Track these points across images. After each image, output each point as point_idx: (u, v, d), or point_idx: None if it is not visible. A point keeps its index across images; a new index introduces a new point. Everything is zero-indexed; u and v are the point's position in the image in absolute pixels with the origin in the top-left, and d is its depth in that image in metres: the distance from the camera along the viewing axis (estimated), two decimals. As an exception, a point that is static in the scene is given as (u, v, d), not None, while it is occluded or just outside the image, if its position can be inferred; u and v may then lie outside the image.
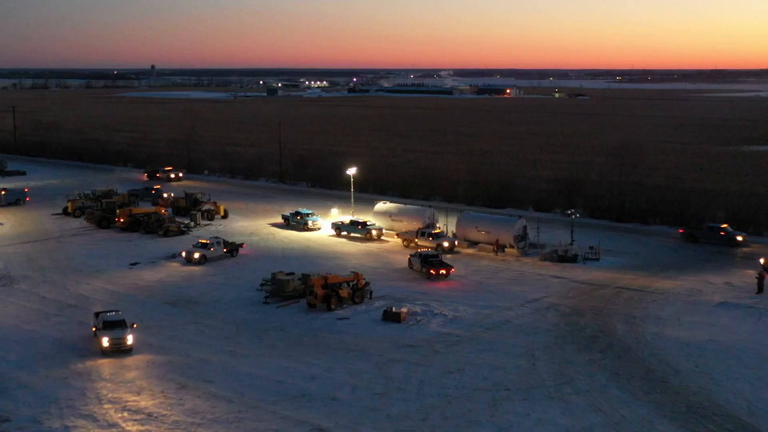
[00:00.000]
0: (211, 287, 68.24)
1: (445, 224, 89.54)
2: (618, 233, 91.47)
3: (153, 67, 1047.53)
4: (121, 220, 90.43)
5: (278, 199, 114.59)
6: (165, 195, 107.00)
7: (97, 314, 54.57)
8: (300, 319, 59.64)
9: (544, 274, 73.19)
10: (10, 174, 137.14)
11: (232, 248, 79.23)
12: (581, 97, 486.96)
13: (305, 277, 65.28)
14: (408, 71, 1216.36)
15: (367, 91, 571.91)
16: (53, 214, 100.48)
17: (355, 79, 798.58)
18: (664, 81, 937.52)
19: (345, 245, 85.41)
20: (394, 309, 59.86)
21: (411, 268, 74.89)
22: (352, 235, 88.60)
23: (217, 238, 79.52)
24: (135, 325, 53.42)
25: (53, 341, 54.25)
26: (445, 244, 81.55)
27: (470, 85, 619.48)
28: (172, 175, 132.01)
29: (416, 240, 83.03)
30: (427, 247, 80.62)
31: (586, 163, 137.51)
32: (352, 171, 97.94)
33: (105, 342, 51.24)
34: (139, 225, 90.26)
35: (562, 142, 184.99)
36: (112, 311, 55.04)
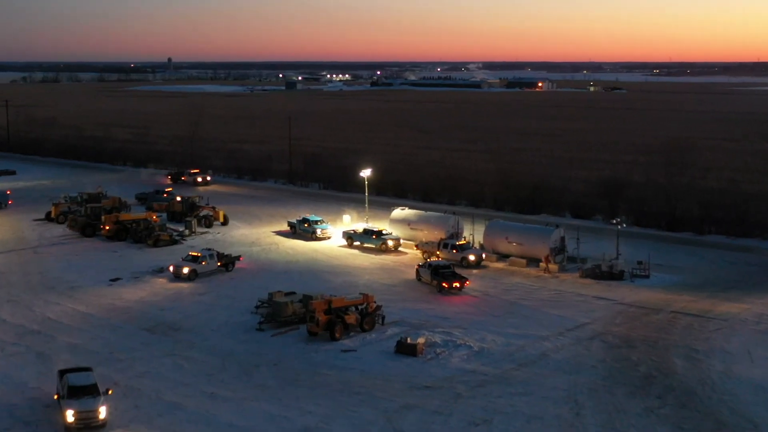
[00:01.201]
0: (198, 309, 61.19)
1: (472, 233, 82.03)
2: (669, 244, 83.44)
3: (169, 60, 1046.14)
4: (107, 227, 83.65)
5: (286, 202, 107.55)
6: (178, 199, 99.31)
7: (61, 374, 42.78)
8: (298, 351, 52.37)
9: (586, 295, 65.45)
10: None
11: (228, 262, 72.24)
12: (617, 90, 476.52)
13: (306, 299, 58.04)
14: (435, 64, 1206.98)
15: (390, 84, 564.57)
16: (35, 220, 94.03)
17: (378, 72, 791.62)
18: (704, 74, 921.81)
19: (357, 258, 78.10)
20: (409, 339, 52.46)
21: (419, 280, 68.55)
22: (366, 245, 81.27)
23: (210, 250, 72.48)
24: (110, 391, 42.42)
25: (2, 378, 47.28)
26: (471, 257, 74.01)
27: (500, 79, 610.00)
28: (199, 179, 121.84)
29: (438, 252, 75.55)
30: (451, 261, 73.38)
31: (628, 163, 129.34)
32: (366, 173, 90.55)
33: (70, 416, 39.91)
34: (127, 233, 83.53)
35: (600, 139, 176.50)
36: (80, 369, 43.67)
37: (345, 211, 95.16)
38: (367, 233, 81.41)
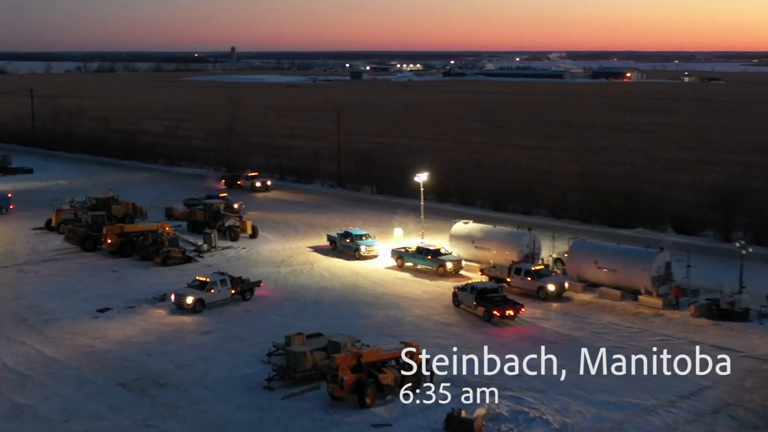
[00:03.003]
0: (196, 355, 50.29)
1: (551, 255, 69.71)
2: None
3: (233, 49, 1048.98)
4: (109, 240, 73.54)
5: (330, 209, 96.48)
6: (236, 205, 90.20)
7: None
8: (313, 425, 40.97)
9: (703, 343, 52.41)
10: (15, 172, 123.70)
11: (244, 288, 61.21)
12: (715, 81, 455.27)
13: (332, 347, 46.65)
14: (513, 53, 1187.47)
15: (463, 74, 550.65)
16: (34, 229, 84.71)
17: (452, 62, 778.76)
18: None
19: (407, 284, 66.32)
20: (464, 411, 40.55)
21: (457, 306, 58.87)
22: (420, 267, 69.52)
23: (222, 274, 61.49)
24: None
25: None
26: (551, 287, 61.63)
27: (584, 69, 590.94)
28: (258, 183, 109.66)
29: (509, 279, 63.44)
30: (526, 290, 61.63)
31: (740, 165, 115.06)
32: (422, 177, 78.77)
33: None
34: (133, 247, 73.37)
35: (702, 136, 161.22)
36: None
37: (396, 221, 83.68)
38: (421, 252, 69.67)
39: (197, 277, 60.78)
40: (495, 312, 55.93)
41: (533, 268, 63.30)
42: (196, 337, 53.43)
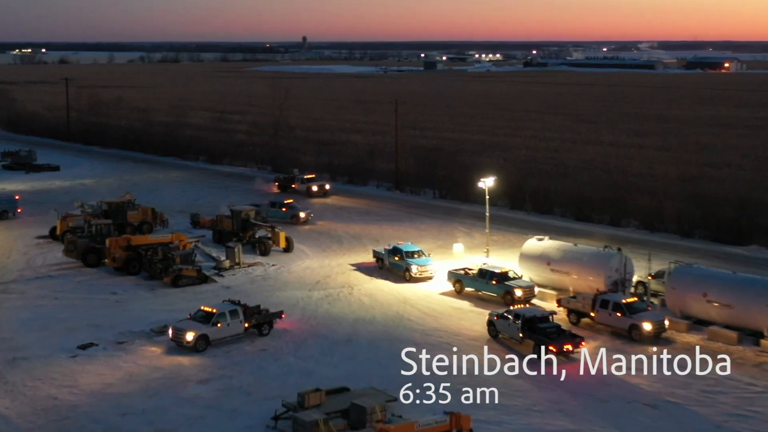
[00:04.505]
0: (184, 415, 40.72)
1: (647, 279, 58.66)
2: None
3: (304, 39, 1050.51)
4: (113, 255, 64.65)
5: (383, 217, 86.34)
6: (302, 215, 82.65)
7: None
8: None
9: None
10: (40, 169, 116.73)
11: (261, 322, 51.54)
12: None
13: (357, 412, 36.84)
14: (600, 43, 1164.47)
15: (545, 65, 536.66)
16: (38, 237, 76.62)
17: (534, 52, 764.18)
18: None
19: (465, 316, 55.86)
20: None
21: (494, 337, 50.53)
22: (482, 294, 59.08)
23: (235, 303, 51.89)
24: None
25: None
26: (647, 325, 50.59)
27: (677, 59, 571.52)
28: (314, 187, 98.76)
29: (592, 313, 52.69)
30: (615, 329, 51.05)
31: None
32: (487, 182, 68.29)
33: None
34: (141, 263, 64.49)
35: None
36: None
37: (458, 235, 73.40)
38: (484, 275, 59.12)
39: (202, 307, 51.21)
40: (551, 348, 46.18)
41: (624, 301, 52.28)
42: (188, 389, 43.76)
